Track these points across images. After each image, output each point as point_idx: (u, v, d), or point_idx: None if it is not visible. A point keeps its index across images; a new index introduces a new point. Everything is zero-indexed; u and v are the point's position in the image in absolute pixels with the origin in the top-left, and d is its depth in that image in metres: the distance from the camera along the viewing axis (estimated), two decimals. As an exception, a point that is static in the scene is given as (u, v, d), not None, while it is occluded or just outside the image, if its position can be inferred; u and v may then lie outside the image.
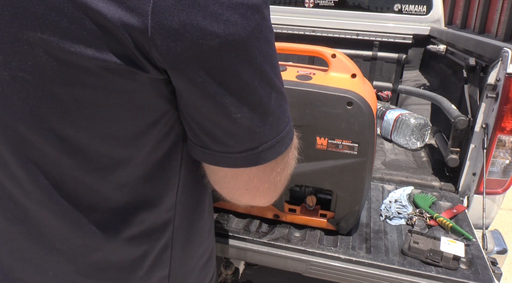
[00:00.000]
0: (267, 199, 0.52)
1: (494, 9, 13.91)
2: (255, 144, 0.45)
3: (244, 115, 0.42)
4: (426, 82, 2.51)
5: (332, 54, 1.10)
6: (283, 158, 0.48)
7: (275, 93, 0.44)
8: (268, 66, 0.43)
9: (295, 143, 0.52)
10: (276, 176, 0.49)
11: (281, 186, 0.51)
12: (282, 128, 0.47)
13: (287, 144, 0.48)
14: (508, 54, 1.27)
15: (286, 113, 0.47)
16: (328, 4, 2.91)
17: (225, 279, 1.35)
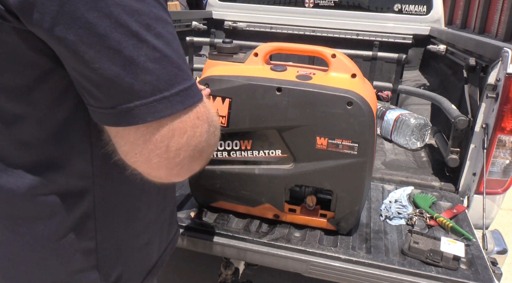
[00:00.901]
0: (163, 170, 0.50)
1: (494, 9, 13.90)
2: (125, 99, 0.45)
3: (103, 65, 0.43)
4: (426, 82, 2.51)
5: (332, 54, 1.10)
6: (173, 123, 0.47)
7: (147, 49, 0.44)
8: (133, 20, 0.43)
9: (208, 117, 0.52)
10: (167, 142, 0.48)
11: (182, 157, 0.49)
12: (166, 88, 0.46)
13: (177, 108, 0.47)
14: (508, 54, 1.27)
15: (174, 75, 0.47)
16: (328, 4, 2.91)
17: (225, 279, 1.35)
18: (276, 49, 1.16)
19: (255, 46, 1.19)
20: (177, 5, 8.01)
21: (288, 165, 1.14)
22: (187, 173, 0.53)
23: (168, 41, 0.47)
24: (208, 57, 1.22)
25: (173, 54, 0.47)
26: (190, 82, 0.49)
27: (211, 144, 0.54)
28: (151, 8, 0.45)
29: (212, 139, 0.54)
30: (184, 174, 0.53)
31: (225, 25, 3.06)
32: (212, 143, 0.54)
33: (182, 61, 0.49)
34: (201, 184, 1.26)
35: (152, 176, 0.52)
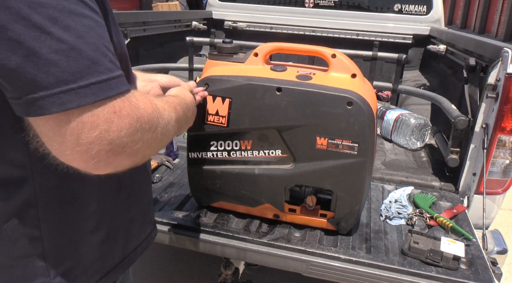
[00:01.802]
0: (80, 163, 0.50)
1: (494, 9, 13.91)
2: (29, 90, 0.45)
3: (4, 56, 0.44)
4: (426, 82, 2.51)
5: (332, 54, 1.10)
6: (82, 116, 0.47)
7: (50, 40, 0.45)
8: (36, 13, 0.44)
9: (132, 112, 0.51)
10: (77, 136, 0.47)
11: (96, 151, 0.48)
12: (72, 80, 0.46)
13: (86, 100, 0.46)
14: (508, 54, 1.27)
15: (85, 67, 0.47)
16: (328, 4, 2.91)
17: (225, 279, 1.35)
18: (276, 49, 1.16)
19: (255, 46, 1.19)
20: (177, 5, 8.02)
21: (288, 165, 1.14)
22: (108, 167, 0.52)
23: (79, 34, 0.47)
24: (208, 57, 1.22)
25: (84, 47, 0.47)
26: (107, 75, 0.49)
27: (139, 140, 0.53)
28: (61, 1, 0.46)
29: (140, 135, 0.52)
30: (105, 168, 0.52)
31: (225, 25, 3.06)
32: (141, 139, 0.53)
33: (100, 54, 0.49)
34: (201, 184, 1.26)
35: (76, 167, 0.51)
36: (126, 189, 0.72)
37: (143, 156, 0.56)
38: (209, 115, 1.14)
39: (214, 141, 1.17)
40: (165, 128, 0.59)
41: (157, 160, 1.59)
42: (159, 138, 0.58)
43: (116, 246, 0.72)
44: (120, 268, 0.74)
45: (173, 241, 1.23)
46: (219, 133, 1.16)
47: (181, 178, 1.51)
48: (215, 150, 1.18)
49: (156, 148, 0.60)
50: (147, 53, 2.37)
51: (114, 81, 0.50)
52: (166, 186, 1.45)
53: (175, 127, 0.65)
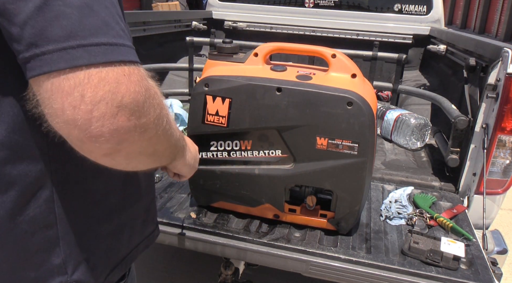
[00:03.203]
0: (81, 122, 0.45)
1: (494, 9, 13.91)
2: (37, 42, 0.43)
3: (15, 6, 0.42)
4: (426, 82, 2.51)
5: (332, 54, 1.10)
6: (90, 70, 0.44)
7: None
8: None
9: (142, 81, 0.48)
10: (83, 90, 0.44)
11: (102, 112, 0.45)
12: (84, 36, 0.44)
13: (97, 59, 0.44)
14: (508, 54, 1.27)
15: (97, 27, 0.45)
16: (328, 4, 2.91)
17: (225, 279, 1.35)
18: (276, 49, 1.16)
19: (255, 46, 1.19)
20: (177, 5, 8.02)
21: (288, 165, 1.14)
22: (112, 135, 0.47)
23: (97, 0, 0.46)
24: (208, 57, 1.22)
25: (99, 8, 0.46)
26: (119, 40, 0.47)
27: (147, 114, 0.49)
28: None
29: (147, 108, 0.49)
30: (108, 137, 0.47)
31: (225, 25, 3.06)
32: (149, 113, 0.49)
33: (112, 20, 0.47)
34: (201, 184, 1.26)
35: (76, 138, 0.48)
36: (132, 184, 0.72)
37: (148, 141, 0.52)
38: (209, 115, 1.14)
39: (214, 141, 1.17)
40: (168, 123, 0.56)
41: (157, 160, 1.59)
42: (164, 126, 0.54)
43: (121, 241, 0.72)
44: (124, 264, 0.74)
45: (173, 241, 1.23)
46: (219, 133, 1.16)
47: (181, 178, 1.51)
48: (215, 150, 1.18)
49: (161, 142, 0.55)
50: (147, 53, 2.37)
51: (126, 48, 0.47)
52: (166, 186, 1.45)
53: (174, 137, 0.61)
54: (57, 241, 0.60)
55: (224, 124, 1.13)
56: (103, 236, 0.67)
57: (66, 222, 0.60)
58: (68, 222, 0.61)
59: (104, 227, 0.67)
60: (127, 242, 0.74)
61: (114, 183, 0.68)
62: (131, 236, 0.74)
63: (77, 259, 0.63)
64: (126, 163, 0.54)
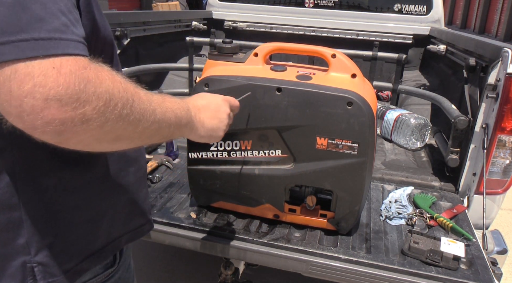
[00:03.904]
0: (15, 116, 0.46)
1: (494, 9, 13.91)
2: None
3: None
4: (426, 82, 2.51)
5: (332, 54, 1.10)
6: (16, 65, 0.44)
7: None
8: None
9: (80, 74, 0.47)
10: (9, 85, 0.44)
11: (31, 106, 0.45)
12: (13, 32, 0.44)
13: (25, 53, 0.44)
14: (508, 54, 1.27)
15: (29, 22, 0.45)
16: (328, 4, 2.91)
17: (225, 279, 1.35)
18: (276, 49, 1.16)
19: (255, 46, 1.19)
20: (177, 5, 8.02)
21: (288, 165, 1.14)
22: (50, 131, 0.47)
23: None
24: (208, 57, 1.22)
25: (31, 4, 0.46)
26: (54, 34, 0.47)
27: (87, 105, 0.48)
28: None
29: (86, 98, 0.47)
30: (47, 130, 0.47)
31: (225, 25, 3.06)
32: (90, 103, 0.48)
33: (49, 15, 0.47)
34: (201, 184, 1.26)
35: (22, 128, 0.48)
36: (113, 176, 0.72)
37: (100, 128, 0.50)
38: (209, 115, 1.14)
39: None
40: (132, 108, 0.54)
41: (157, 160, 1.59)
42: (118, 113, 0.52)
43: (99, 229, 0.72)
44: (102, 254, 0.74)
45: (173, 241, 1.23)
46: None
47: (181, 178, 1.51)
48: (215, 150, 1.18)
49: (122, 126, 0.53)
50: (147, 53, 2.37)
51: (63, 42, 0.47)
52: (166, 186, 1.45)
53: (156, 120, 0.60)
54: (21, 223, 0.62)
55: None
56: (76, 223, 0.68)
57: (30, 206, 0.62)
58: (33, 206, 0.62)
59: (78, 215, 0.68)
60: (106, 232, 0.74)
61: (92, 174, 0.68)
62: (111, 226, 0.75)
63: (42, 242, 0.64)
64: (89, 148, 0.53)
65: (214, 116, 0.80)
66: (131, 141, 0.58)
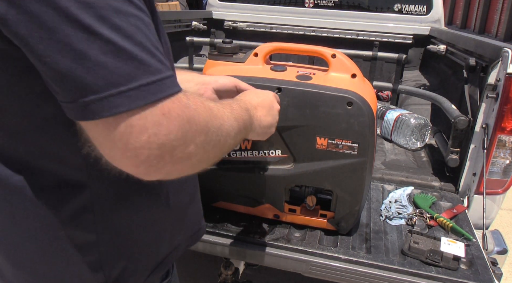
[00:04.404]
0: (131, 168, 0.48)
1: (494, 9, 13.90)
2: (80, 93, 0.44)
3: (54, 59, 0.43)
4: (426, 82, 2.51)
5: (332, 54, 1.10)
6: (131, 119, 0.45)
7: (100, 42, 0.43)
8: (84, 12, 0.42)
9: (182, 113, 0.48)
10: (126, 140, 0.45)
11: (146, 156, 0.47)
12: (122, 82, 0.44)
13: (136, 103, 0.45)
14: (508, 54, 1.27)
15: (134, 68, 0.45)
16: (328, 4, 2.91)
17: (225, 279, 1.35)
18: (276, 49, 1.16)
19: (255, 46, 1.19)
20: (177, 5, 8.01)
21: (288, 165, 1.14)
22: (160, 172, 0.50)
23: (127, 34, 0.45)
24: (208, 57, 1.22)
25: (133, 47, 0.45)
26: (157, 76, 0.47)
27: (190, 143, 0.50)
28: (108, 0, 0.44)
29: (192, 137, 0.50)
30: (157, 173, 0.49)
31: (225, 25, 3.06)
32: (193, 141, 0.50)
33: (148, 55, 0.47)
34: (201, 184, 1.26)
35: (128, 172, 0.50)
36: (176, 190, 0.72)
37: (198, 161, 0.53)
38: (209, 115, 1.14)
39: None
40: (220, 132, 0.56)
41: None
42: (214, 141, 0.54)
43: (163, 243, 0.73)
44: (163, 265, 0.74)
45: (173, 241, 1.23)
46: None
47: (181, 178, 1.51)
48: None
49: (214, 152, 0.56)
50: (147, 53, 2.37)
51: (164, 82, 0.47)
52: (166, 186, 1.45)
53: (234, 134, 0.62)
54: (96, 246, 0.61)
55: (224, 124, 1.13)
56: (144, 242, 0.68)
57: (106, 234, 0.62)
58: (109, 233, 0.62)
59: (145, 234, 0.68)
60: (168, 243, 0.74)
61: (158, 195, 0.68)
62: (172, 236, 0.74)
63: (115, 264, 0.64)
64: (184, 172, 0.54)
65: (268, 113, 0.81)
66: (217, 159, 0.59)
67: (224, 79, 0.88)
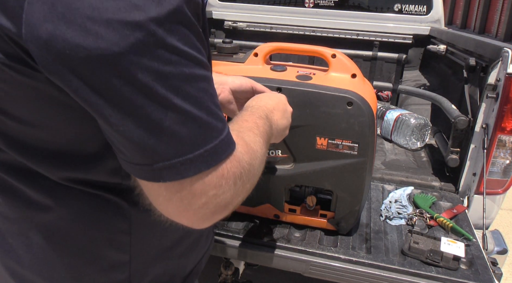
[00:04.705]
0: (184, 221, 0.50)
1: (494, 9, 13.90)
2: (149, 160, 0.44)
3: (128, 129, 0.43)
4: (426, 82, 2.51)
5: (332, 54, 1.10)
6: (194, 184, 0.46)
7: (173, 113, 0.43)
8: (160, 85, 0.42)
9: (236, 171, 0.50)
10: (187, 202, 0.47)
11: (202, 214, 0.49)
12: (190, 150, 0.45)
13: (200, 168, 0.46)
14: (508, 54, 1.27)
15: (201, 135, 0.46)
16: (328, 4, 2.91)
17: (225, 279, 1.35)
18: (276, 49, 1.16)
19: (255, 46, 1.19)
20: (177, 5, 7.98)
21: (288, 165, 1.14)
22: (210, 223, 0.52)
23: (197, 101, 0.45)
24: (208, 57, 1.22)
25: (201, 114, 0.45)
26: (219, 138, 0.47)
27: (241, 193, 0.53)
28: (182, 68, 0.44)
29: (242, 188, 0.52)
30: (207, 224, 0.52)
31: (225, 25, 3.06)
32: (243, 191, 0.53)
33: (212, 117, 0.47)
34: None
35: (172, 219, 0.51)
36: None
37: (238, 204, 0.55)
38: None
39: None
40: (259, 167, 0.59)
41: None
42: (256, 178, 0.57)
43: (188, 259, 0.74)
44: (190, 279, 0.76)
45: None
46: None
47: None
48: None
49: (252, 186, 0.58)
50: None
51: (224, 142, 0.48)
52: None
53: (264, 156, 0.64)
54: (128, 270, 0.62)
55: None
56: (172, 260, 0.69)
57: (139, 255, 0.63)
58: (141, 254, 0.63)
59: (173, 252, 0.69)
60: (193, 258, 0.75)
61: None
62: (197, 252, 0.76)
63: (144, 278, 0.65)
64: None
65: (283, 116, 0.81)
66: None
67: (241, 80, 0.88)
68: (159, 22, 0.41)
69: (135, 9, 0.39)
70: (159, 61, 0.42)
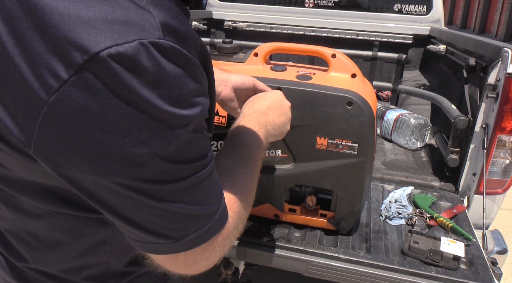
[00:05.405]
0: (180, 273, 0.54)
1: (494, 9, 13.90)
2: (147, 240, 0.48)
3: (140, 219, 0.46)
4: (426, 82, 2.51)
5: (332, 54, 1.10)
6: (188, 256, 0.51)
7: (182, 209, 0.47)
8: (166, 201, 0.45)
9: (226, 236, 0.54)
10: (185, 264, 0.52)
11: (196, 267, 0.54)
12: (196, 230, 0.49)
13: (200, 242, 0.50)
14: (508, 54, 1.27)
15: (199, 225, 0.49)
16: (328, 4, 2.91)
17: (225, 279, 1.35)
18: (276, 49, 1.16)
19: (255, 46, 1.19)
20: (177, 5, 7.98)
21: (288, 165, 1.14)
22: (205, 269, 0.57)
23: (198, 200, 0.48)
24: (208, 57, 1.22)
25: (199, 208, 0.49)
26: (218, 212, 0.51)
27: (231, 242, 0.57)
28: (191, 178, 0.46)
29: (232, 239, 0.56)
30: (202, 271, 0.57)
31: (225, 25, 3.06)
32: (232, 240, 0.57)
33: (217, 201, 0.51)
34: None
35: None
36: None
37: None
38: (209, 115, 1.14)
39: (214, 141, 1.17)
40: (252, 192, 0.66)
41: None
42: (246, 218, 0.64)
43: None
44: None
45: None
46: (219, 133, 1.15)
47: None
48: (215, 150, 1.18)
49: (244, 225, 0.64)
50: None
51: (221, 215, 0.52)
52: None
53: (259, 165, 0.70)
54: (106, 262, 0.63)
55: (224, 124, 1.13)
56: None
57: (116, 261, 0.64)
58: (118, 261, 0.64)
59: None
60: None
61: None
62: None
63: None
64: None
65: (281, 113, 0.81)
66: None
67: (243, 78, 0.89)
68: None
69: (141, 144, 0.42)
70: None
